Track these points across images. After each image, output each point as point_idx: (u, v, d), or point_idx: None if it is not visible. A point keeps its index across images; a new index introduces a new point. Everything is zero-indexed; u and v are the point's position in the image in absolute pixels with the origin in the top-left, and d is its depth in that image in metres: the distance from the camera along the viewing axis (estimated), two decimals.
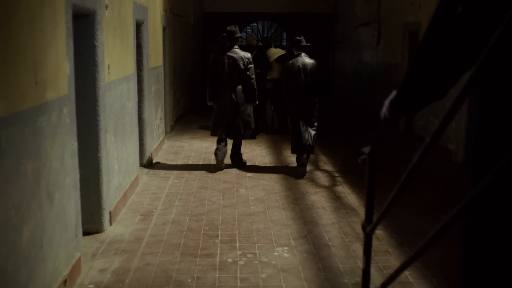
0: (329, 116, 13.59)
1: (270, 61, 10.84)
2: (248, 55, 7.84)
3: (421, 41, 1.90)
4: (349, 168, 7.98)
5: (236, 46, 7.81)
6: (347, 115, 13.99)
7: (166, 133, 10.33)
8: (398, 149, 9.23)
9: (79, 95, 4.85)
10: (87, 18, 4.85)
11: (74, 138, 4.23)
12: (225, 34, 7.92)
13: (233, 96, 7.78)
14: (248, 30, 18.72)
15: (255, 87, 7.89)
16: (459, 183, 7.01)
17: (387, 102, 2.33)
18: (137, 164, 6.95)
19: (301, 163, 7.53)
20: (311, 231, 5.35)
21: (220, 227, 5.45)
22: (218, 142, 7.90)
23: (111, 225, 5.41)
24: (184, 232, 5.28)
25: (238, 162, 8.07)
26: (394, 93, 2.26)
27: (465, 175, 7.91)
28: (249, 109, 7.95)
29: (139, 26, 7.36)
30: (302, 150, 7.53)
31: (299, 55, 7.67)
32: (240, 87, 7.80)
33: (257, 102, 8.14)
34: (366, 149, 2.40)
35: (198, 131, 11.15)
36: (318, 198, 6.47)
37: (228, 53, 7.76)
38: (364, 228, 2.47)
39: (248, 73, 7.76)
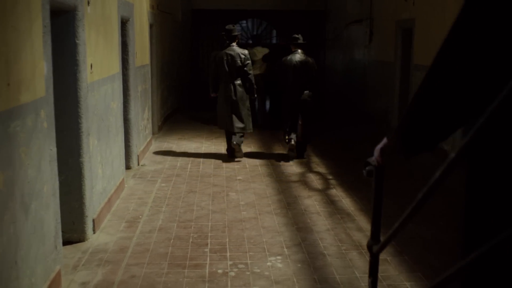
0: (320, 115, 13.36)
1: (256, 59, 11.34)
2: (245, 51, 8.31)
3: (432, 68, 1.58)
4: (342, 170, 7.74)
5: (233, 44, 8.29)
6: (338, 113, 13.76)
7: (153, 133, 10.04)
8: None
9: (59, 97, 4.58)
10: (67, 15, 4.57)
11: (52, 143, 3.94)
12: (223, 33, 8.42)
13: (233, 91, 8.22)
14: (237, 28, 18.44)
15: (253, 81, 8.37)
16: (455, 187, 6.79)
17: (377, 149, 2.14)
18: (123, 167, 6.67)
19: (292, 149, 8.36)
20: (305, 239, 5.10)
21: (209, 234, 5.18)
22: (228, 137, 8.45)
23: (94, 233, 5.12)
24: (172, 241, 5.00)
25: (233, 153, 8.45)
26: (385, 140, 2.10)
27: (462, 177, 7.68)
28: (248, 103, 8.40)
29: (124, 23, 7.07)
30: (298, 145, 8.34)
31: (296, 52, 8.34)
32: (239, 82, 8.25)
33: (255, 95, 8.66)
34: (373, 160, 2.15)
35: (186, 132, 10.87)
36: (311, 203, 6.22)
37: (226, 51, 8.23)
38: (370, 247, 2.22)
39: (245, 68, 8.22)
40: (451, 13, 8.31)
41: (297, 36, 8.43)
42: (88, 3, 4.96)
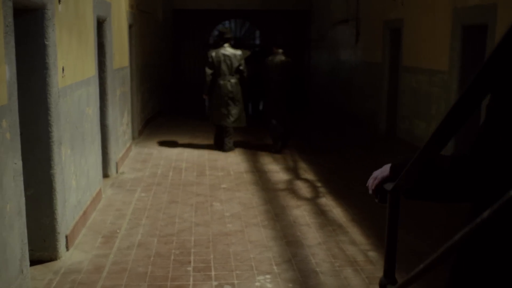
0: (305, 118, 13.04)
1: None
2: (239, 52, 9.00)
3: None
4: (331, 177, 7.41)
5: (226, 45, 8.95)
6: (324, 116, 13.44)
7: (133, 138, 9.63)
8: (379, 152, 8.70)
9: (27, 104, 4.18)
10: (35, 14, 4.17)
11: (17, 156, 3.55)
12: (217, 34, 9.41)
13: (229, 88, 8.87)
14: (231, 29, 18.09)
15: (247, 79, 9.14)
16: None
17: (375, 176, 1.90)
18: (100, 176, 6.27)
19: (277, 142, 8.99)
20: (296, 254, 4.74)
21: (192, 250, 4.81)
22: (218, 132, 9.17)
23: (67, 250, 4.73)
24: (152, 258, 4.62)
25: (226, 147, 9.05)
26: (387, 169, 1.87)
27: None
28: (242, 100, 9.04)
29: (101, 23, 6.67)
30: (281, 138, 9.00)
31: (277, 53, 9.05)
32: (234, 80, 8.93)
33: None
34: (388, 186, 1.80)
35: (167, 136, 10.47)
36: (300, 213, 5.87)
37: (222, 51, 8.91)
38: (383, 287, 1.86)
39: (241, 68, 8.96)
40: (441, 13, 8.02)
41: (279, 38, 9.79)
42: (59, 1, 4.56)
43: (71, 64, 4.97)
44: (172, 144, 9.59)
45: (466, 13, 7.41)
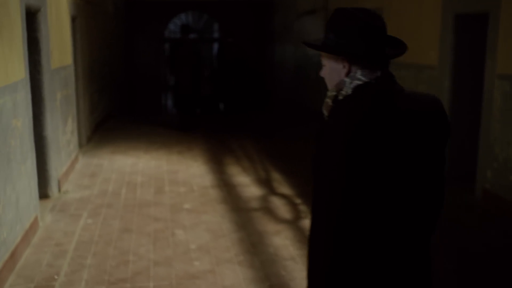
0: (270, 119, 12.06)
1: None
2: None
3: None
4: (311, 189, 6.41)
5: None
6: (290, 117, 12.47)
7: (81, 146, 8.44)
8: None
9: None
10: None
11: None
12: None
13: None
14: (175, 21, 16.88)
15: None
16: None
17: None
18: (35, 201, 5.12)
19: None
20: None
21: None
22: None
23: None
24: None
25: None
26: None
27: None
28: None
29: (33, 14, 5.50)
30: None
31: None
32: None
33: None
34: None
35: (120, 142, 9.30)
36: (282, 242, 4.85)
37: None
38: None
39: None
40: (428, 0, 7.12)
41: None
42: None
43: None
44: (126, 152, 8.45)
45: (459, 0, 6.52)
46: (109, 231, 5.12)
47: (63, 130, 6.78)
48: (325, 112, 1.83)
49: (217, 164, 7.75)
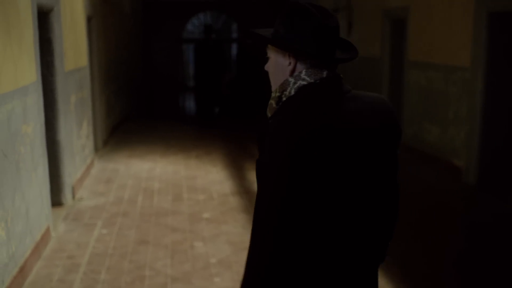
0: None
1: None
2: None
3: None
4: None
5: None
6: None
7: (96, 150, 8.20)
8: None
9: None
10: None
11: None
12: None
13: None
14: (194, 21, 16.62)
15: None
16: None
17: None
18: (48, 210, 4.87)
19: None
20: None
21: None
22: None
23: None
24: None
25: None
26: None
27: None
28: None
29: (45, 14, 5.25)
30: None
31: None
32: None
33: None
34: None
35: (137, 146, 9.04)
36: None
37: None
38: None
39: None
40: None
41: None
42: None
43: None
44: (142, 157, 8.18)
45: None
46: (124, 242, 4.85)
47: (78, 134, 6.54)
48: (269, 115, 1.73)
49: (237, 170, 7.45)
